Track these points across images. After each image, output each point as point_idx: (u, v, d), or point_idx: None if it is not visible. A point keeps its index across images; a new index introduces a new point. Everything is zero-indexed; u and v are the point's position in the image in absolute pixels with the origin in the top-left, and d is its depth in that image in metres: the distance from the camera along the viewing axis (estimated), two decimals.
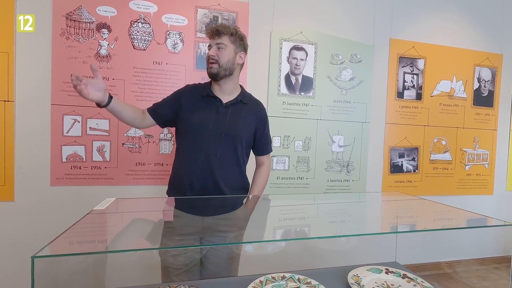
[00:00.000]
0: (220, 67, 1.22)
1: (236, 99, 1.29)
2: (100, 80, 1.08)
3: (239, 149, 1.27)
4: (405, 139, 2.38)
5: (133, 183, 1.87)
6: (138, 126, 1.30)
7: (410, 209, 1.38)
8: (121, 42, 1.81)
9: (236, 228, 1.10)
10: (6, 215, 1.69)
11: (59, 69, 1.72)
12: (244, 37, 1.28)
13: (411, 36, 2.36)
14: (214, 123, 1.22)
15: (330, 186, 2.21)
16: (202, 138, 1.22)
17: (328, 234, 1.17)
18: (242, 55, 1.28)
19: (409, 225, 1.20)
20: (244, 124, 1.28)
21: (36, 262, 0.43)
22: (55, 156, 1.74)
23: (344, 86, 2.21)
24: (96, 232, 0.70)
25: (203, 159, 1.21)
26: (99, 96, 1.08)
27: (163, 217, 1.03)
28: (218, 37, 1.22)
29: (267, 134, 1.40)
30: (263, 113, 1.37)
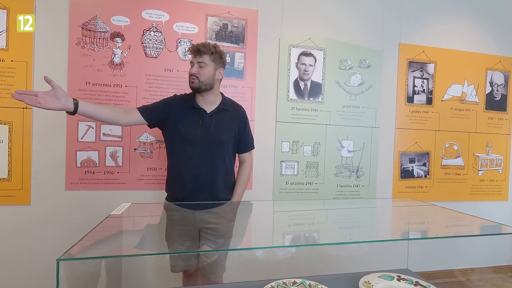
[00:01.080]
0: (200, 83, 1.36)
1: (218, 107, 1.43)
2: (57, 88, 1.11)
3: (225, 152, 1.43)
4: (415, 144, 2.36)
5: (144, 187, 1.90)
6: (121, 123, 1.35)
7: (422, 216, 1.37)
8: (134, 50, 1.86)
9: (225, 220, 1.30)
10: (23, 219, 1.74)
11: (74, 77, 1.78)
12: (223, 54, 1.42)
13: (420, 40, 2.34)
14: (201, 132, 1.38)
15: (339, 192, 2.20)
16: (191, 145, 1.37)
17: (338, 240, 1.17)
18: (222, 71, 1.42)
19: (421, 231, 1.19)
20: (228, 129, 1.43)
21: (61, 265, 0.45)
22: (70, 161, 1.79)
23: (353, 91, 2.21)
24: (115, 236, 0.72)
25: (194, 164, 1.36)
26: (61, 104, 1.11)
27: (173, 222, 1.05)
28: (200, 55, 1.35)
29: (248, 133, 1.54)
30: (243, 115, 1.51)
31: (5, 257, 1.72)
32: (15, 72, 1.71)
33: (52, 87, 1.10)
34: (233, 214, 1.39)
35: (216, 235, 1.28)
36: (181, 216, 1.31)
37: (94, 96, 1.80)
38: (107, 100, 1.83)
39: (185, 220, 1.31)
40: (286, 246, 1.60)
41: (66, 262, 0.47)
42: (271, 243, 1.16)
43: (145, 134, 1.90)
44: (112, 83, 1.83)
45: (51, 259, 1.77)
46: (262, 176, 2.07)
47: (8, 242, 1.72)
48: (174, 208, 1.37)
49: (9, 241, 1.72)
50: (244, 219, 1.43)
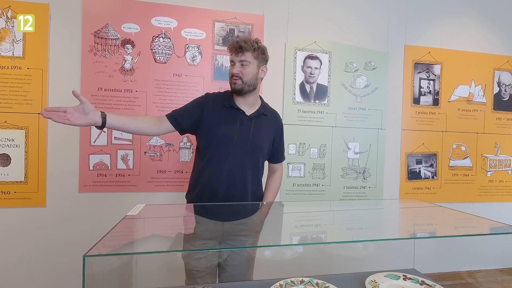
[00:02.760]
0: (244, 84, 1.24)
1: (258, 111, 1.32)
2: (86, 103, 1.05)
3: (260, 159, 1.32)
4: (422, 145, 2.36)
5: (154, 190, 1.95)
6: (152, 134, 1.30)
7: (429, 216, 1.38)
8: (143, 56, 1.91)
9: (253, 232, 1.15)
10: (38, 220, 1.80)
11: (87, 83, 1.84)
12: (265, 49, 1.29)
13: (426, 42, 2.35)
14: (239, 135, 1.25)
15: (346, 193, 2.22)
16: (227, 149, 1.24)
17: (345, 240, 1.18)
18: (265, 68, 1.31)
19: (428, 232, 1.20)
20: (266, 136, 1.33)
21: (87, 261, 0.49)
22: (83, 165, 1.85)
23: (359, 93, 2.23)
24: (132, 235, 0.76)
25: (227, 169, 1.24)
26: (89, 119, 1.06)
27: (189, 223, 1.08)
28: (242, 53, 1.23)
29: (283, 143, 1.46)
30: (280, 123, 1.42)
31: (22, 257, 1.79)
32: (31, 79, 1.78)
33: (81, 102, 1.05)
34: (261, 225, 1.23)
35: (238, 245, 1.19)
36: (206, 228, 1.16)
37: (106, 101, 1.86)
38: (118, 105, 1.88)
39: (210, 233, 1.16)
40: (293, 244, 1.62)
41: (91, 258, 0.50)
42: (278, 242, 1.18)
43: (155, 137, 1.95)
44: (123, 89, 1.89)
45: (66, 259, 1.82)
46: None
47: (24, 242, 1.79)
48: (198, 219, 1.23)
49: (26, 242, 1.79)
50: (252, 219, 1.45)
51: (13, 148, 1.77)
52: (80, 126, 1.08)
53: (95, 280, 0.54)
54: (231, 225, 1.23)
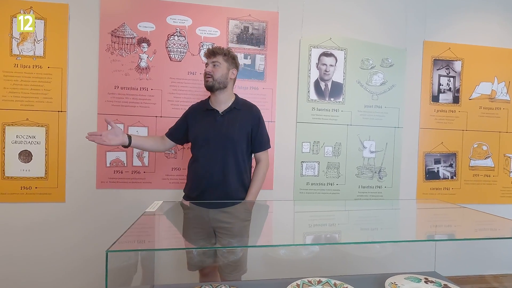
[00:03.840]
0: (214, 81, 1.45)
1: (230, 107, 1.50)
2: (116, 127, 1.38)
3: (238, 150, 1.47)
4: (441, 144, 2.29)
5: (169, 187, 1.97)
6: (161, 150, 1.63)
7: (449, 218, 1.33)
8: (159, 54, 1.93)
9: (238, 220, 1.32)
10: (58, 214, 1.86)
11: (104, 81, 1.88)
12: (235, 57, 1.52)
13: (446, 37, 2.27)
14: (214, 131, 1.45)
15: (361, 193, 2.18)
16: (205, 145, 1.45)
17: (361, 241, 1.16)
18: (234, 71, 1.51)
19: (448, 234, 1.16)
20: (240, 127, 1.48)
21: (110, 256, 0.50)
22: (100, 162, 1.89)
23: (375, 91, 2.18)
24: (151, 231, 0.77)
25: (208, 160, 1.44)
26: (120, 140, 1.39)
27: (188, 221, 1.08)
28: (214, 56, 1.46)
29: (262, 132, 1.56)
30: (256, 114, 1.54)
31: (41, 250, 1.84)
32: (51, 78, 1.83)
33: (112, 127, 1.37)
34: (247, 214, 1.41)
35: (230, 234, 1.30)
36: (196, 215, 1.38)
37: (122, 99, 1.89)
38: (134, 103, 1.91)
39: (199, 219, 1.37)
40: (306, 244, 1.61)
41: (114, 254, 0.51)
42: (292, 242, 1.17)
43: None
44: (138, 87, 1.91)
45: (84, 253, 1.87)
46: (283, 176, 2.09)
47: (45, 237, 1.84)
48: (190, 207, 1.42)
49: (46, 236, 1.84)
50: (263, 219, 1.45)
51: (34, 145, 1.83)
52: (113, 145, 1.40)
53: (115, 276, 0.55)
54: (217, 212, 1.41)
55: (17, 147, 1.81)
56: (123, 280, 0.60)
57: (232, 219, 1.39)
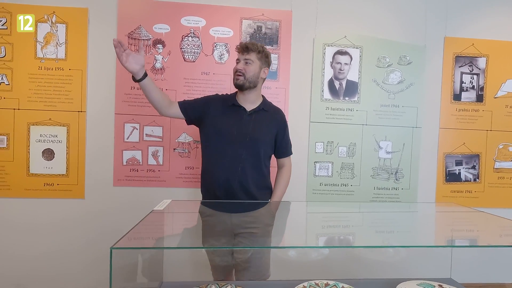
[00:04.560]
0: (245, 80, 1.37)
1: (258, 107, 1.44)
2: (142, 56, 1.26)
3: (261, 152, 1.42)
4: (463, 145, 2.19)
5: (182, 185, 2.00)
6: (162, 111, 1.42)
7: (470, 222, 1.27)
8: (173, 55, 1.97)
9: (263, 224, 1.22)
10: (78, 210, 1.93)
11: (122, 82, 1.94)
12: (269, 54, 1.44)
13: (469, 33, 2.16)
14: (239, 129, 1.38)
15: (376, 194, 2.12)
16: (228, 142, 1.37)
17: (375, 244, 1.13)
18: (266, 70, 1.44)
19: (467, 239, 1.10)
20: (266, 130, 1.43)
21: (114, 253, 0.51)
22: (117, 160, 1.95)
23: (392, 89, 2.11)
24: (159, 229, 0.78)
25: (229, 160, 1.36)
26: (136, 69, 1.25)
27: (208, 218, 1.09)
28: (247, 53, 1.38)
29: (287, 138, 1.53)
30: (282, 118, 1.51)
31: (64, 246, 1.92)
32: (72, 79, 1.91)
33: (139, 54, 1.26)
34: (271, 218, 1.33)
35: (252, 240, 1.23)
36: (216, 219, 1.27)
37: (138, 99, 1.95)
38: (149, 103, 1.95)
39: (220, 223, 1.26)
40: (318, 247, 1.58)
41: (118, 251, 0.52)
42: (304, 243, 1.16)
43: (184, 134, 2.00)
44: None
45: (102, 248, 1.94)
46: (295, 176, 2.05)
47: (65, 232, 1.92)
48: (210, 213, 1.34)
49: (66, 231, 1.92)
50: (279, 220, 1.44)
51: (56, 144, 1.92)
52: (125, 68, 1.24)
53: (122, 272, 0.56)
54: (240, 217, 1.32)
55: (41, 146, 1.90)
56: (128, 277, 0.62)
57: (255, 224, 1.31)
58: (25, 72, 1.88)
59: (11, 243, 1.89)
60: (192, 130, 1.99)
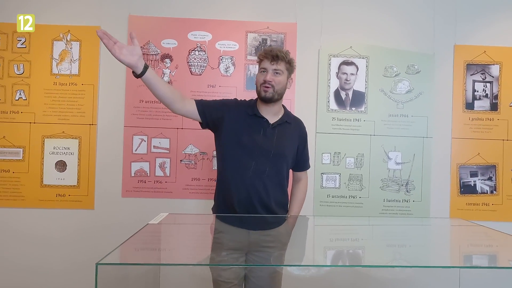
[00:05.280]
0: (274, 92, 1.24)
1: (281, 119, 1.34)
2: (137, 46, 1.09)
3: (284, 167, 1.34)
4: (478, 155, 2.10)
5: (189, 197, 2.02)
6: (173, 106, 1.23)
7: (484, 240, 1.20)
8: (180, 69, 2.02)
9: (280, 244, 1.12)
10: (88, 221, 1.98)
11: (131, 96, 2.00)
12: (293, 61, 1.31)
13: (481, 40, 2.11)
14: (262, 143, 1.26)
15: (386, 207, 2.05)
16: (250, 156, 1.25)
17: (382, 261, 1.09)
18: (291, 80, 1.34)
19: (479, 259, 1.04)
20: (289, 143, 1.34)
21: (100, 269, 0.52)
22: (126, 171, 1.99)
23: (400, 99, 2.07)
24: (153, 244, 0.79)
25: (250, 176, 1.25)
26: (133, 60, 1.07)
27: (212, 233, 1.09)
28: (276, 62, 1.23)
29: (306, 151, 1.47)
30: (304, 131, 1.44)
31: (74, 256, 1.96)
32: (84, 93, 1.99)
33: (133, 44, 1.10)
34: (287, 236, 1.25)
35: (263, 257, 1.18)
36: (232, 238, 1.20)
37: (146, 112, 2.00)
38: (157, 115, 2.00)
39: (233, 240, 1.19)
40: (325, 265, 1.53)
41: (104, 267, 0.53)
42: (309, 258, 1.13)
43: (190, 146, 2.03)
44: None
45: None
46: None
47: (76, 242, 1.96)
48: (224, 228, 1.28)
49: (77, 241, 1.96)
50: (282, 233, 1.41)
51: (69, 156, 1.98)
52: (121, 61, 1.08)
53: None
54: (257, 235, 1.22)
55: (54, 158, 1.98)
56: None
57: (271, 243, 1.24)
58: (41, 88, 1.98)
59: (24, 254, 1.94)
60: (199, 142, 2.02)
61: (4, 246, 1.95)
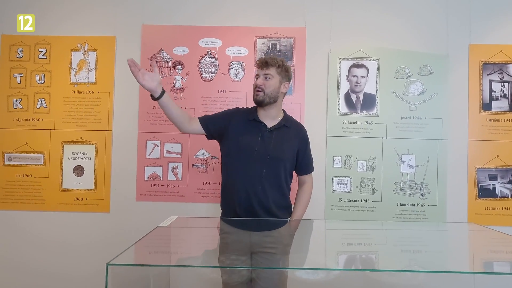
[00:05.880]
0: (265, 95, 1.34)
1: (279, 123, 1.40)
2: (157, 74, 1.29)
3: (282, 170, 1.38)
4: (496, 157, 2.02)
5: (201, 200, 2.05)
6: (182, 127, 1.41)
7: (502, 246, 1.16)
8: (192, 75, 2.07)
9: (281, 245, 1.13)
10: (103, 223, 2.04)
11: (144, 102, 2.06)
12: (289, 68, 1.41)
13: (497, 39, 2.04)
14: (259, 147, 1.34)
15: (400, 211, 2.01)
16: (248, 160, 1.34)
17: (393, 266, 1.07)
18: (287, 84, 1.41)
19: (494, 264, 1.01)
20: (287, 147, 1.39)
21: (110, 269, 0.54)
22: (140, 176, 2.05)
23: (413, 101, 2.03)
24: (162, 246, 0.81)
25: (248, 180, 1.33)
26: (153, 85, 1.26)
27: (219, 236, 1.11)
28: (266, 68, 1.35)
29: (309, 154, 1.50)
30: (305, 135, 1.48)
31: (91, 257, 2.03)
32: (100, 101, 2.07)
33: (154, 71, 1.30)
34: (290, 238, 1.31)
35: (270, 259, 1.20)
36: (235, 239, 1.26)
37: (159, 118, 2.05)
38: (169, 121, 2.04)
39: (236, 242, 1.25)
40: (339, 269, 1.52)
41: (115, 267, 0.55)
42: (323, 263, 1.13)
43: (202, 150, 2.06)
44: None
45: None
46: (313, 192, 2.00)
47: (93, 244, 2.03)
48: (228, 230, 1.34)
49: (94, 243, 2.03)
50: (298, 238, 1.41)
51: (86, 161, 2.06)
52: (143, 86, 1.27)
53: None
54: (259, 236, 1.28)
55: (72, 163, 2.06)
56: None
57: (273, 244, 1.28)
58: (61, 96, 2.07)
59: (44, 255, 2.02)
60: (210, 146, 2.04)
61: (27, 248, 2.03)
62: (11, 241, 2.03)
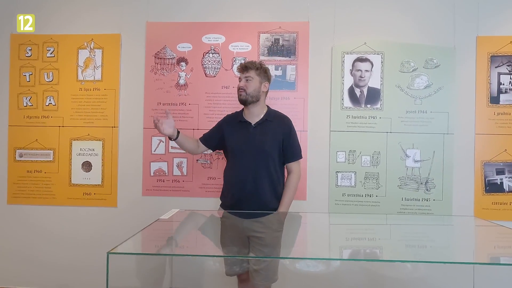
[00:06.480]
0: (247, 95, 1.52)
1: (262, 119, 1.57)
2: (171, 120, 1.52)
3: (270, 161, 1.53)
4: (504, 152, 1.99)
5: (205, 195, 2.08)
6: (195, 153, 1.77)
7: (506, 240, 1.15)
8: (195, 72, 2.08)
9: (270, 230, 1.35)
10: (111, 217, 2.09)
11: (149, 99, 2.09)
12: (267, 69, 1.59)
13: (506, 31, 2.00)
14: (247, 143, 1.53)
15: (405, 206, 2.00)
16: (240, 156, 1.55)
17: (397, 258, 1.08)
18: (266, 84, 1.58)
19: (494, 257, 1.00)
20: (272, 139, 1.54)
21: (111, 258, 0.57)
22: (146, 171, 2.09)
23: (418, 94, 2.01)
24: (162, 237, 0.83)
25: (241, 173, 1.53)
26: (170, 132, 1.52)
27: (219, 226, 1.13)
28: (246, 71, 1.54)
29: (293, 143, 1.60)
30: (287, 125, 1.60)
31: (98, 250, 2.08)
32: (106, 98, 2.11)
33: (168, 119, 1.52)
34: (279, 225, 1.45)
35: (262, 244, 1.31)
36: (231, 223, 1.45)
37: (163, 114, 2.07)
38: (174, 117, 2.01)
39: (234, 228, 1.43)
40: (343, 259, 1.54)
41: (115, 256, 0.58)
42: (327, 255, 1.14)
43: None
44: (178, 102, 2.08)
45: None
46: (317, 186, 2.04)
47: (100, 237, 2.08)
48: (226, 216, 1.52)
49: (102, 236, 2.08)
50: (295, 230, 1.44)
51: (94, 156, 2.11)
52: (164, 134, 1.53)
53: (120, 277, 0.61)
54: (251, 221, 1.48)
55: (81, 159, 2.11)
56: (130, 282, 0.67)
57: (265, 229, 1.45)
58: (69, 94, 2.12)
59: (54, 247, 2.09)
60: None
61: (37, 241, 2.10)
62: (22, 235, 2.11)
